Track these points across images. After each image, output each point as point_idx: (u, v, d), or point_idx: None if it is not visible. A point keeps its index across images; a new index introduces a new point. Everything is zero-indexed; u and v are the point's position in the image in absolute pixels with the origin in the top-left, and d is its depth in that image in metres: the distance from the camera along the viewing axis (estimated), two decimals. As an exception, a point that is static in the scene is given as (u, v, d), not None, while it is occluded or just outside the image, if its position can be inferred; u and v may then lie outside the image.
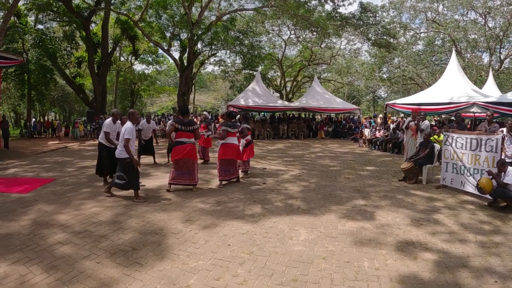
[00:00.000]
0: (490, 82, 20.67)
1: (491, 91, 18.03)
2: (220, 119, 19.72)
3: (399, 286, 3.83)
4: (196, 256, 4.46)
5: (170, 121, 10.24)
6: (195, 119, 14.26)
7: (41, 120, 31.24)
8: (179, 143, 7.78)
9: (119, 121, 8.44)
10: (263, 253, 4.58)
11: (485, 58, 37.05)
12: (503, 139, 7.69)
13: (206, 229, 5.44)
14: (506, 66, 35.64)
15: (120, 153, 6.93)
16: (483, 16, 32.19)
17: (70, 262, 4.24)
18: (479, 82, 29.46)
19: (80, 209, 6.34)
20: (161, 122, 25.50)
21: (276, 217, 6.11)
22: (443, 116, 19.74)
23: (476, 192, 7.41)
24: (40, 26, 30.64)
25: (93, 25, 31.16)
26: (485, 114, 11.77)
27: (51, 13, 27.09)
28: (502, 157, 7.62)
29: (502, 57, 34.37)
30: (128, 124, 6.99)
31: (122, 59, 42.33)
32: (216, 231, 5.34)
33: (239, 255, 4.50)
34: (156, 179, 9.26)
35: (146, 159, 12.03)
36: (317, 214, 6.31)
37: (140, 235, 5.14)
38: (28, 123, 27.34)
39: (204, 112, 15.66)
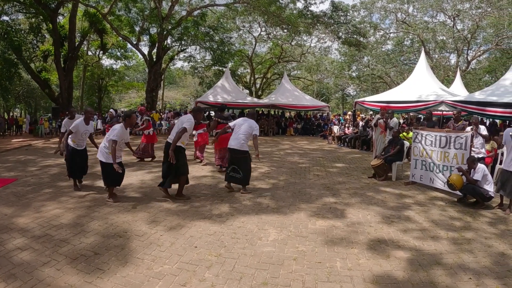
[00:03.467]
0: (458, 82, 21.30)
1: (458, 91, 18.59)
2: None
3: (373, 287, 3.81)
4: (161, 260, 4.30)
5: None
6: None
7: (6, 117, 30.08)
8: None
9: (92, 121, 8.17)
10: (231, 255, 4.47)
11: (453, 59, 38.14)
12: (472, 136, 7.85)
13: (172, 230, 5.29)
14: (472, 67, 36.86)
15: (242, 145, 7.46)
16: (452, 19, 33.03)
17: (29, 270, 4.01)
18: (447, 82, 30.21)
19: (41, 211, 6.06)
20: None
21: (245, 216, 6.02)
22: (411, 114, 20.13)
23: (446, 189, 7.59)
24: (5, 18, 29.44)
25: (60, 17, 30.04)
26: (452, 113, 12.03)
27: (18, 4, 26.08)
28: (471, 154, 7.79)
29: (469, 58, 35.44)
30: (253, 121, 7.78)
31: (89, 53, 41.15)
32: (182, 233, 5.19)
33: (206, 258, 4.38)
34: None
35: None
36: (286, 213, 6.25)
37: (103, 238, 4.93)
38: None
39: (111, 110, 14.10)
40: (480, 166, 7.01)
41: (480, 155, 8.41)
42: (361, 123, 18.28)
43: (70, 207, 6.37)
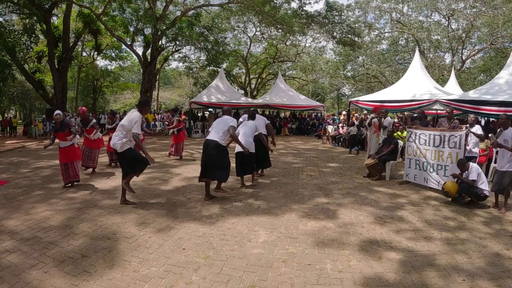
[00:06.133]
0: (452, 81, 21.34)
1: (453, 90, 18.63)
2: (183, 116, 20.13)
3: (364, 289, 3.76)
4: (148, 262, 4.27)
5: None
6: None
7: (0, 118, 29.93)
8: (181, 130, 12.53)
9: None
10: (219, 257, 4.44)
11: (447, 58, 38.28)
12: (466, 135, 7.84)
13: (161, 232, 5.25)
14: (467, 66, 37.00)
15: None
16: (447, 18, 33.17)
17: (16, 272, 3.98)
18: (441, 81, 30.28)
19: (31, 214, 6.02)
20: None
21: (235, 217, 5.98)
22: (405, 113, 20.21)
23: (441, 189, 7.54)
24: (-1, 19, 29.26)
25: (54, 18, 29.91)
26: (445, 111, 12.06)
27: (11, 4, 25.92)
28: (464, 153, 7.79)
29: (463, 58, 35.58)
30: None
31: (84, 54, 41.05)
32: (171, 234, 5.16)
33: (194, 260, 4.34)
34: (113, 180, 8.93)
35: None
36: (277, 214, 6.21)
37: (91, 240, 4.90)
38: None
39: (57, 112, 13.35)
40: (473, 166, 6.99)
41: (471, 155, 8.41)
42: (356, 123, 18.27)
43: (60, 209, 6.33)
